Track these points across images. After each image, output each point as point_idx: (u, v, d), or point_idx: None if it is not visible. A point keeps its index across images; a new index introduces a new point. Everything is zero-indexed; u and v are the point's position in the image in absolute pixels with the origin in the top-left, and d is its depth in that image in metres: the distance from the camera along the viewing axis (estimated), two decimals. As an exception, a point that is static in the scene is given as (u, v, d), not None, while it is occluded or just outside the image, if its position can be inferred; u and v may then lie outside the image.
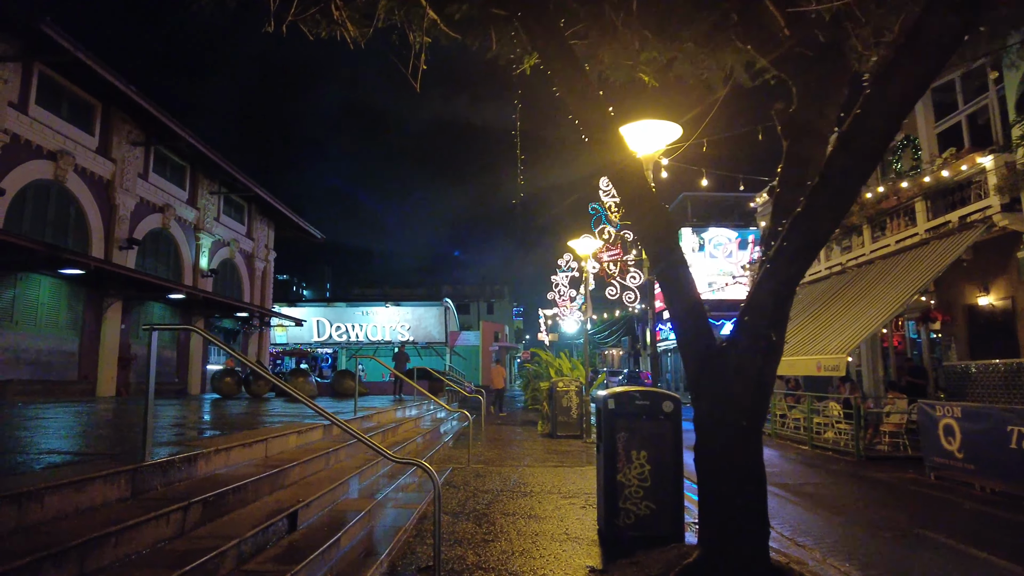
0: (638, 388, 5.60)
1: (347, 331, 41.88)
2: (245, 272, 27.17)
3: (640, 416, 5.48)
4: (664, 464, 5.43)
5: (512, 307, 75.55)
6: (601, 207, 7.68)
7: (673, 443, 5.45)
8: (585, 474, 9.07)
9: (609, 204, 7.65)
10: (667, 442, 5.46)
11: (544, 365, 16.21)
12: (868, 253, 15.10)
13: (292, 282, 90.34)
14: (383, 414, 10.86)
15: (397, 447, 8.83)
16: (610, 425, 5.47)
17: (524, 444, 12.64)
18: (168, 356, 21.97)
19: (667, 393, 5.60)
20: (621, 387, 5.70)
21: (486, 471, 9.20)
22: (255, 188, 24.39)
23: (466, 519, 6.28)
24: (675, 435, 5.47)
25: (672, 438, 5.46)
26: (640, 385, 35.24)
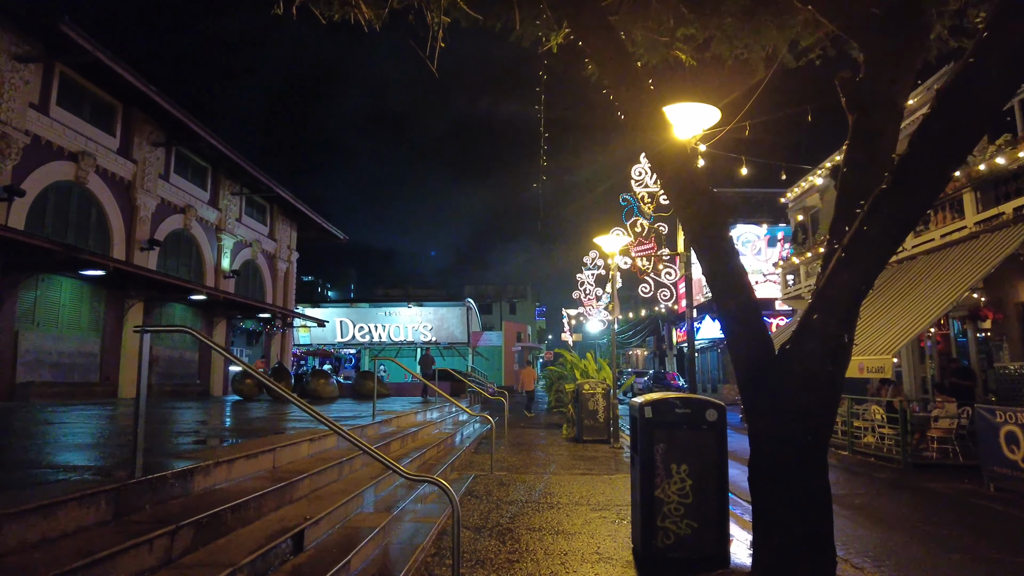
0: (678, 395, 5.10)
1: (370, 332, 41.77)
2: (268, 273, 27.08)
3: (681, 426, 4.98)
4: (707, 479, 4.92)
5: (535, 307, 75.04)
6: (633, 198, 7.16)
7: (717, 455, 4.94)
8: (615, 483, 8.56)
9: (642, 195, 7.13)
10: (710, 454, 4.94)
11: (569, 366, 15.71)
12: (909, 248, 14.32)
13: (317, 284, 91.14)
14: (403, 417, 10.46)
15: (416, 453, 8.42)
16: (647, 435, 4.98)
17: (549, 449, 12.16)
18: (189, 358, 21.88)
19: (710, 400, 5.08)
20: (658, 393, 5.20)
21: (510, 479, 8.75)
22: (277, 188, 24.24)
23: (489, 535, 5.83)
24: (719, 447, 4.95)
25: (716, 450, 4.95)
26: (666, 386, 34.52)
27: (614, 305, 12.55)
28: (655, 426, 4.98)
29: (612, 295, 12.73)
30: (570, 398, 14.58)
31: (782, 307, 32.39)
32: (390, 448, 8.12)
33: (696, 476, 4.92)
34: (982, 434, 8.62)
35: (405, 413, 10.90)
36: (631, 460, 5.43)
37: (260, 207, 26.30)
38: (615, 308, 12.50)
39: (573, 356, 15.83)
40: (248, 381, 18.36)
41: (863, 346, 11.49)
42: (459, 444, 11.55)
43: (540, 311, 78.94)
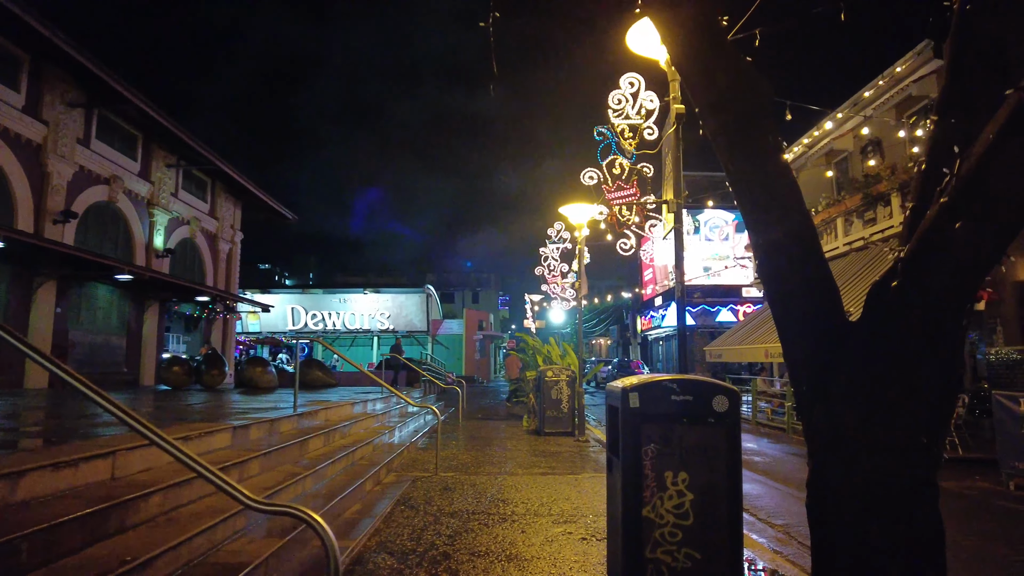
0: (675, 377, 3.70)
1: (323, 319, 39.75)
2: (208, 253, 24.94)
3: (679, 419, 3.59)
4: (715, 492, 3.55)
5: (498, 296, 73.48)
6: (611, 132, 5.77)
7: (729, 460, 3.57)
8: (580, 485, 7.19)
9: (622, 128, 5.74)
10: (720, 458, 3.57)
11: (531, 352, 14.34)
12: (896, 225, 13.31)
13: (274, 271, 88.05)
14: (335, 409, 8.91)
15: (342, 453, 6.89)
16: (633, 432, 3.57)
17: (507, 443, 10.76)
18: (116, 343, 19.76)
19: (718, 384, 3.70)
20: (650, 376, 3.78)
21: (457, 482, 7.29)
22: (218, 161, 22.10)
23: (418, 565, 4.37)
24: (731, 448, 3.58)
25: (727, 452, 3.57)
26: (631, 374, 33.47)
27: (581, 282, 11.19)
28: (644, 419, 3.58)
29: (579, 271, 11.38)
30: (531, 386, 13.21)
31: (749, 293, 31.68)
32: (307, 447, 6.58)
33: (700, 489, 3.55)
34: (1001, 425, 7.52)
35: (339, 404, 9.34)
36: (608, 464, 4.04)
37: (200, 182, 24.14)
38: (582, 285, 11.15)
39: (535, 340, 14.46)
40: (176, 368, 16.55)
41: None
42: (403, 440, 10.04)
43: (503, 300, 77.46)
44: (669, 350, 36.99)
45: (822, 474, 2.34)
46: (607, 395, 4.06)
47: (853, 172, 16.11)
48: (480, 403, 21.44)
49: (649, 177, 5.98)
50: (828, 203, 16.01)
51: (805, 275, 2.45)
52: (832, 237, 16.03)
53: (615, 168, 5.93)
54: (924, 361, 2.09)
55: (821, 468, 2.34)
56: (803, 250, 2.45)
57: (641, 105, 6.03)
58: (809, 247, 2.46)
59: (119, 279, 17.37)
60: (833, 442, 2.29)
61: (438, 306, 45.49)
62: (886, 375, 2.15)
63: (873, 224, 14.22)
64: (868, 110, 15.14)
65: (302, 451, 6.42)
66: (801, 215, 2.45)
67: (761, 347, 13.15)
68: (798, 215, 2.43)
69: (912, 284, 2.04)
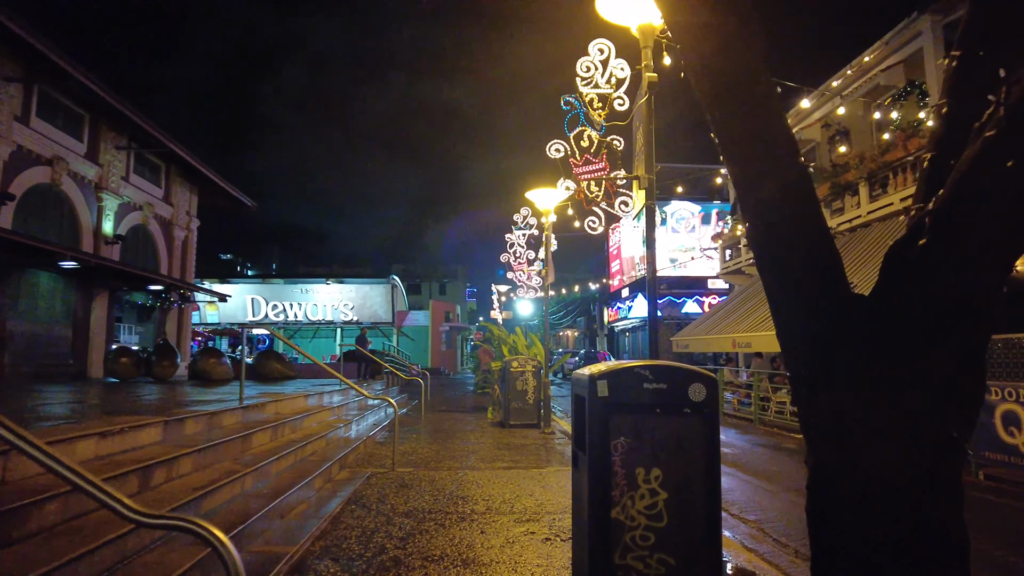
0: (646, 363, 3.33)
1: (284, 310, 38.72)
2: (162, 241, 23.88)
3: (652, 410, 3.23)
4: (691, 490, 3.21)
5: (465, 288, 72.92)
6: (579, 101, 5.36)
7: (706, 454, 3.22)
8: (545, 479, 6.84)
9: (591, 97, 5.33)
10: (697, 452, 3.22)
11: (496, 342, 13.95)
12: (864, 215, 13.28)
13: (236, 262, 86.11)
14: (286, 402, 8.39)
15: (289, 449, 6.40)
16: (601, 424, 3.20)
17: (470, 436, 10.36)
18: (60, 334, 18.73)
19: (695, 370, 3.35)
20: (620, 362, 3.40)
21: (414, 478, 6.87)
22: (171, 144, 21.05)
23: (364, 573, 3.94)
24: (709, 440, 3.23)
25: (705, 445, 3.23)
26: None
27: (548, 269, 10.82)
28: (613, 410, 3.21)
29: (547, 258, 11.00)
30: (496, 377, 12.83)
31: (715, 285, 31.81)
32: (251, 442, 6.08)
33: (674, 487, 3.20)
34: (972, 414, 7.39)
35: (291, 396, 8.82)
36: (573, 459, 3.67)
37: (154, 167, 23.05)
38: (549, 272, 10.79)
39: (501, 330, 14.07)
40: (124, 360, 15.81)
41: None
42: (360, 434, 9.56)
43: (470, 292, 76.96)
44: (636, 341, 37.03)
45: (823, 470, 1.99)
46: (573, 383, 3.68)
47: (821, 162, 16.07)
48: (445, 395, 21.00)
49: (620, 151, 5.60)
50: (795, 193, 15.93)
51: (803, 236, 2.10)
52: (799, 227, 15.96)
53: (583, 140, 5.53)
54: (948, 336, 1.75)
55: (822, 463, 2.00)
56: (800, 206, 2.09)
57: (611, 74, 5.65)
58: (807, 203, 2.10)
59: (63, 266, 16.42)
60: (836, 433, 1.94)
61: (404, 297, 44.79)
62: (902, 352, 1.81)
63: (840, 214, 14.17)
64: (837, 99, 15.07)
65: (245, 447, 5.92)
66: (797, 167, 2.09)
67: (728, 337, 12.99)
68: (794, 167, 2.07)
69: (943, 241, 1.69)
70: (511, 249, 14.37)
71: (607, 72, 5.62)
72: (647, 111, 4.75)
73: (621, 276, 36.87)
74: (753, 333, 12.14)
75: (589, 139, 5.63)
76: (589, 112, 5.57)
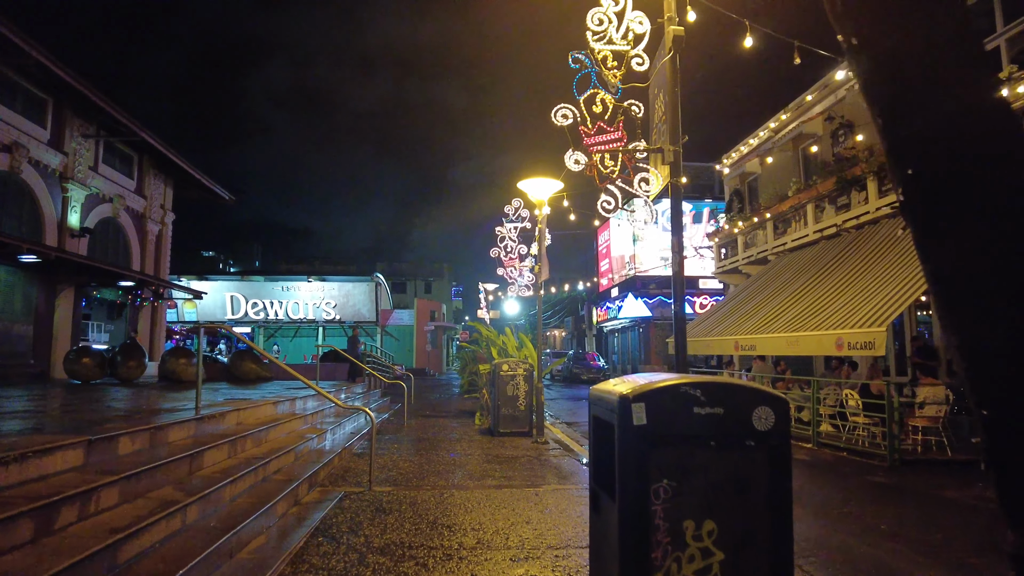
0: (696, 380, 2.53)
1: (265, 308, 37.58)
2: (134, 235, 22.77)
3: (704, 442, 2.43)
4: (754, 549, 2.42)
5: (451, 286, 71.94)
6: (591, 59, 4.57)
7: (775, 501, 2.44)
8: (543, 501, 6.03)
9: (604, 55, 4.55)
10: (762, 499, 2.44)
11: (484, 343, 13.14)
12: (873, 211, 12.62)
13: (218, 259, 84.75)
14: (253, 410, 7.51)
15: (249, 468, 5.54)
16: (637, 462, 2.40)
17: (456, 446, 9.53)
18: (20, 333, 17.62)
19: (759, 390, 2.56)
20: (660, 377, 2.58)
21: (394, 500, 6.03)
22: (142, 133, 19.96)
23: (324, 641, 3.11)
24: (779, 484, 2.45)
25: (773, 490, 2.44)
26: (586, 367, 32.60)
27: (542, 265, 10.03)
28: (654, 443, 2.41)
29: (540, 253, 10.21)
30: (485, 381, 12.01)
31: (706, 285, 31.21)
32: (201, 461, 5.21)
33: (733, 544, 2.41)
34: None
35: (258, 403, 7.93)
36: (592, 501, 2.88)
37: (125, 157, 21.94)
38: (543, 269, 9.99)
39: (490, 331, 13.26)
40: (86, 360, 14.79)
41: (837, 318, 9.53)
42: (336, 445, 8.70)
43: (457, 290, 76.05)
44: (626, 342, 36.37)
45: None
46: (592, 402, 2.89)
47: (824, 157, 15.43)
48: (430, 398, 20.13)
49: (639, 118, 4.82)
50: (798, 188, 15.28)
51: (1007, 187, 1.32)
52: (801, 224, 15.32)
53: (595, 105, 4.74)
54: None
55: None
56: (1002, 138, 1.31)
57: (628, 28, 4.84)
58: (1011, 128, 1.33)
59: (22, 260, 15.35)
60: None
61: (388, 295, 43.80)
62: None
63: (847, 210, 13.51)
64: (841, 91, 14.43)
65: (193, 468, 5.06)
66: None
67: (731, 339, 12.29)
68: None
69: None
70: (501, 243, 13.53)
71: (623, 26, 4.82)
72: (671, 71, 3.98)
73: (611, 275, 36.18)
74: (758, 335, 11.44)
75: (603, 104, 4.83)
76: (602, 72, 4.76)
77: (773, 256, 16.57)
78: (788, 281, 13.44)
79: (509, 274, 13.65)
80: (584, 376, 31.35)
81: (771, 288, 13.86)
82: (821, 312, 10.24)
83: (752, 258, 17.68)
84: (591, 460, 2.99)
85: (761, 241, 17.30)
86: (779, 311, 11.82)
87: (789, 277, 13.70)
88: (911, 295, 8.56)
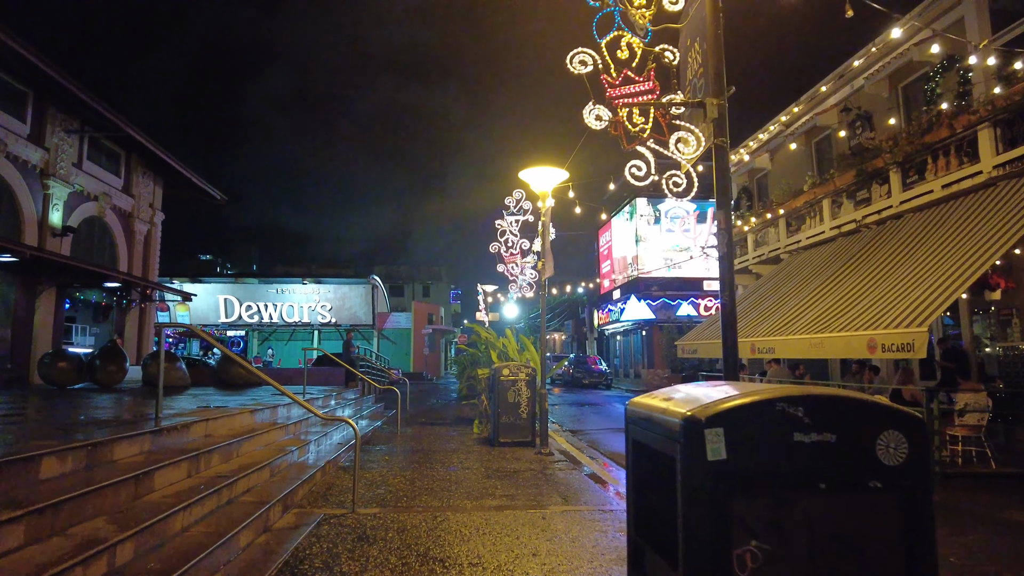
0: (795, 392, 1.77)
1: (259, 311, 36.72)
2: (121, 235, 21.95)
3: (810, 483, 1.66)
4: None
5: (450, 289, 71.17)
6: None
7: (918, 571, 1.66)
8: (551, 527, 5.24)
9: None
10: (891, 568, 1.66)
11: (483, 346, 12.36)
12: (896, 205, 11.86)
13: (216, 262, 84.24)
14: (226, 420, 6.71)
15: (218, 485, 4.75)
16: (713, 515, 1.62)
17: (453, 458, 8.74)
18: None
19: (885, 406, 1.79)
20: (741, 390, 1.82)
21: (381, 525, 5.24)
22: (128, 129, 19.13)
23: None
24: (920, 546, 1.67)
25: (916, 556, 1.67)
26: (587, 371, 31.72)
27: (546, 261, 9.26)
28: (737, 486, 1.63)
29: (544, 248, 9.43)
30: (484, 386, 11.23)
31: (711, 287, 30.43)
32: (150, 483, 4.42)
33: (856, 636, 1.63)
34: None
35: (233, 412, 7.14)
36: (633, 556, 2.11)
37: (112, 154, 21.15)
38: (547, 265, 9.22)
39: (489, 333, 12.47)
40: (62, 364, 14.06)
41: (868, 318, 8.76)
42: (320, 457, 7.90)
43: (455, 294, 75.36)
44: (628, 345, 35.56)
45: None
46: (634, 422, 2.11)
47: (840, 150, 14.69)
48: (426, 403, 19.34)
49: (673, 66, 4.06)
50: (813, 183, 14.53)
51: None
52: (816, 221, 14.56)
53: (621, 50, 3.98)
54: None
55: None
56: None
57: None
58: None
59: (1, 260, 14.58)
60: None
61: (385, 298, 43.00)
62: None
63: (867, 204, 12.74)
64: (859, 80, 13.69)
65: (138, 491, 4.26)
66: None
67: (746, 341, 11.50)
68: None
69: None
70: (502, 238, 12.70)
71: (651, -45, 4.05)
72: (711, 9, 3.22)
73: (612, 277, 35.41)
74: (776, 337, 10.67)
75: (629, 48, 4.06)
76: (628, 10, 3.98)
77: (786, 255, 15.81)
78: (805, 280, 12.67)
79: (510, 271, 12.84)
80: (585, 380, 30.54)
81: (787, 288, 13.09)
82: (848, 312, 9.46)
83: (763, 257, 16.92)
84: (630, 499, 2.21)
85: (773, 239, 16.54)
86: (799, 311, 11.05)
87: (806, 276, 12.93)
88: (955, 291, 7.79)
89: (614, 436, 12.32)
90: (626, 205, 32.72)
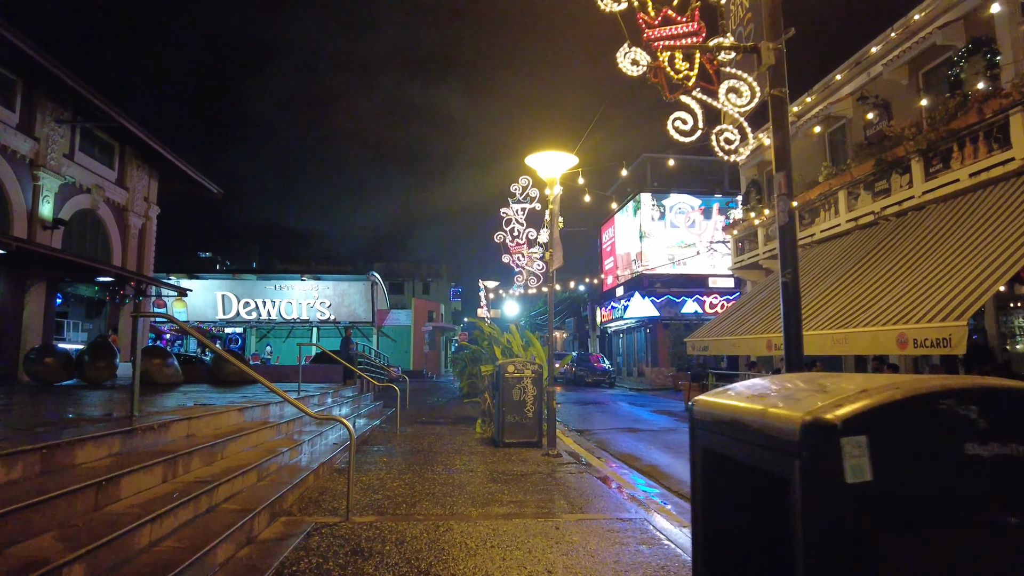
0: (957, 383, 1.27)
1: (257, 308, 36.22)
2: (115, 228, 21.46)
3: (992, 515, 1.15)
4: None
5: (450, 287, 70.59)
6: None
7: None
8: (565, 538, 4.74)
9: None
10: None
11: (486, 342, 11.85)
12: (919, 195, 11.35)
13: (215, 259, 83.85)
14: (211, 418, 6.21)
15: (202, 490, 4.25)
16: (851, 557, 1.12)
17: (455, 460, 8.24)
18: (-16, 330, 16.35)
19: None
20: (875, 383, 1.35)
21: (376, 536, 4.73)
22: (121, 119, 18.62)
23: None
24: None
25: None
26: (590, 369, 31.14)
27: (554, 252, 8.75)
28: (886, 519, 1.13)
29: (552, 238, 8.92)
30: (487, 384, 10.73)
31: (716, 284, 29.93)
32: (116, 491, 3.92)
33: None
34: None
35: (220, 410, 6.64)
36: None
37: (106, 146, 20.66)
38: (555, 256, 8.71)
39: (492, 328, 11.98)
40: (48, 360, 13.60)
41: (897, 312, 8.25)
42: (314, 458, 7.40)
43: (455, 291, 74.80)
44: (632, 343, 35.05)
45: None
46: (705, 427, 1.61)
47: (854, 139, 14.18)
48: (427, 402, 18.84)
49: (720, 5, 3.56)
50: (829, 174, 14.02)
51: None
52: (832, 213, 14.05)
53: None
54: None
55: None
56: None
57: None
58: None
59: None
60: None
61: (384, 295, 42.48)
62: None
63: (886, 195, 12.23)
64: (877, 67, 13.16)
65: (100, 501, 3.76)
66: None
67: (762, 337, 11.00)
68: None
69: None
70: (507, 227, 12.15)
71: None
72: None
73: (616, 274, 34.89)
74: (794, 333, 10.16)
75: (670, -20, 3.54)
76: (668, -62, 3.48)
77: (799, 249, 15.29)
78: (822, 274, 12.17)
79: (516, 261, 12.31)
80: (588, 379, 30.05)
81: (802, 282, 12.59)
82: (873, 305, 8.96)
83: (774, 252, 16.38)
84: (698, 527, 1.70)
85: (784, 233, 16.01)
86: (818, 306, 10.54)
87: (822, 270, 12.43)
88: (995, 282, 7.28)
89: (622, 436, 11.82)
90: (630, 200, 32.20)
